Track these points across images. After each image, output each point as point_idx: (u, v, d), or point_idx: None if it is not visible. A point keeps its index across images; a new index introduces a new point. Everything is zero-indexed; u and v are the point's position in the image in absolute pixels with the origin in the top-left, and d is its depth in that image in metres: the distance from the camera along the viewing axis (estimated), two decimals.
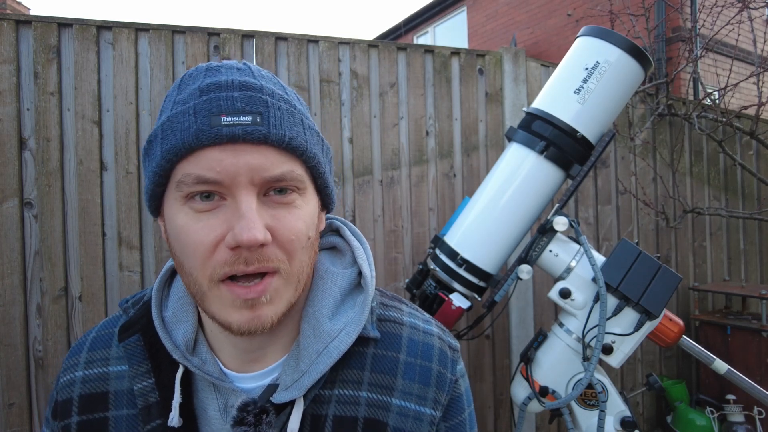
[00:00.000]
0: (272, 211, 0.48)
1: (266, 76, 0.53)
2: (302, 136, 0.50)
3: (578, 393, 1.27)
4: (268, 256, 0.47)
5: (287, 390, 0.53)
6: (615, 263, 1.30)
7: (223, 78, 0.49)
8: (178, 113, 0.47)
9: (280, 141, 0.47)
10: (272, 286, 0.48)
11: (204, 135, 0.45)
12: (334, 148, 2.05)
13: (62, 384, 0.60)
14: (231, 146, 0.46)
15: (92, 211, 1.74)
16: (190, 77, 0.51)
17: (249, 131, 0.46)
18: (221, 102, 0.47)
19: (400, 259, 2.15)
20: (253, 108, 0.47)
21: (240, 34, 1.93)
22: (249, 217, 0.45)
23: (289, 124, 0.49)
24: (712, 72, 3.57)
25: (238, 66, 0.52)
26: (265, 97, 0.48)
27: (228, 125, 0.45)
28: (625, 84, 1.36)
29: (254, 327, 0.48)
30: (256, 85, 0.49)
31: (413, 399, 0.57)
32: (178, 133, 0.46)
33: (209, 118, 0.46)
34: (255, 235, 0.45)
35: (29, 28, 1.69)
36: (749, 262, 3.13)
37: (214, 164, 0.46)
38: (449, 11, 8.75)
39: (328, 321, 0.55)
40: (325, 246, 0.65)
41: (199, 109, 0.46)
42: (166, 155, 0.47)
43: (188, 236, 0.47)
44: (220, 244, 0.47)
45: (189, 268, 0.49)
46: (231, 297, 0.47)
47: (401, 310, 0.63)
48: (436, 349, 0.60)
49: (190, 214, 0.47)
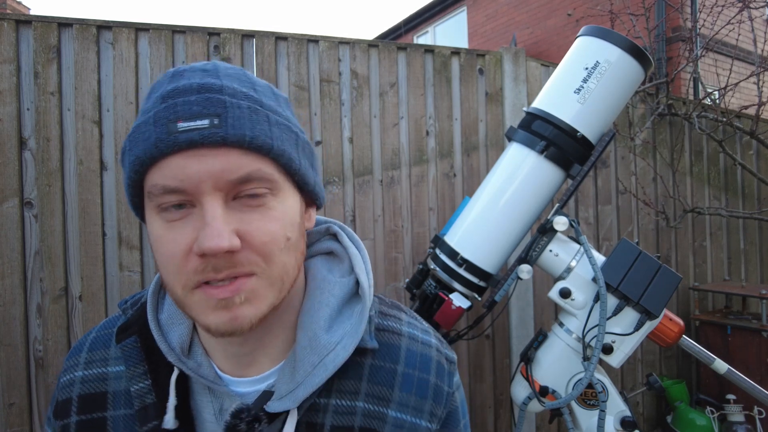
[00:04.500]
0: (242, 215, 0.47)
1: (233, 74, 0.51)
2: (266, 133, 0.48)
3: (578, 393, 1.27)
4: (239, 261, 0.46)
5: (281, 400, 0.52)
6: (615, 263, 1.30)
7: (183, 82, 0.48)
8: (141, 123, 0.47)
9: (240, 141, 0.46)
10: (246, 287, 0.47)
11: (162, 143, 0.44)
12: (334, 148, 2.05)
13: (62, 384, 0.60)
14: (192, 152, 0.45)
15: (92, 211, 1.74)
16: (157, 84, 0.50)
17: (206, 135, 0.44)
18: (178, 108, 0.45)
19: (400, 259, 2.15)
20: (210, 110, 0.45)
21: (240, 34, 1.93)
22: (212, 225, 0.44)
23: (250, 122, 0.47)
24: (713, 72, 3.57)
25: (204, 68, 0.50)
26: (223, 98, 0.47)
27: (185, 131, 0.44)
28: (625, 84, 1.36)
29: (232, 328, 0.47)
30: (216, 86, 0.47)
31: (409, 411, 0.56)
32: (140, 143, 0.46)
33: (167, 126, 0.45)
34: (218, 243, 0.44)
35: (29, 28, 1.69)
36: (749, 261, 3.13)
37: (177, 172, 0.45)
38: (449, 11, 8.75)
39: (324, 333, 0.54)
40: (322, 251, 0.64)
41: (159, 117, 0.46)
42: (133, 166, 0.47)
43: (162, 246, 0.47)
44: (190, 252, 0.46)
45: (165, 276, 0.49)
46: (205, 298, 0.47)
47: (400, 319, 0.63)
48: (434, 362, 0.60)
49: (164, 225, 0.47)
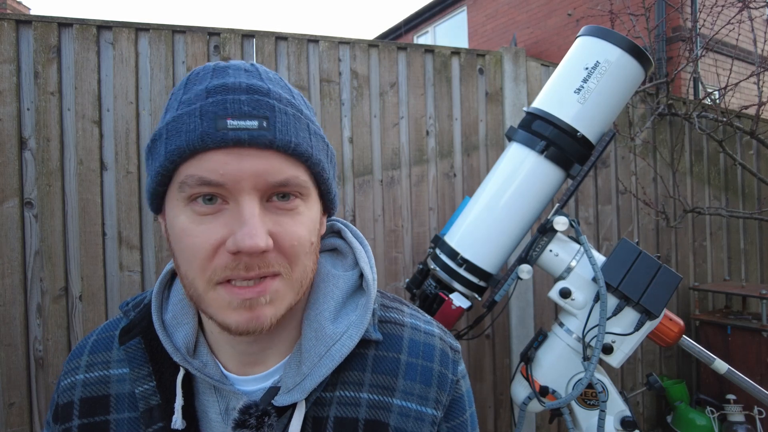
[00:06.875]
0: (275, 217, 0.48)
1: (274, 78, 0.52)
2: (308, 141, 0.49)
3: (578, 393, 1.27)
4: (269, 261, 0.47)
5: (289, 393, 0.52)
6: (615, 263, 1.30)
7: (230, 80, 0.48)
8: (183, 114, 0.47)
9: (285, 147, 0.47)
10: (272, 288, 0.48)
11: (209, 138, 0.45)
12: (334, 148, 2.04)
13: (63, 387, 0.60)
14: (236, 150, 0.45)
15: (92, 211, 1.74)
16: (197, 77, 0.51)
17: (255, 136, 0.45)
18: (228, 105, 0.46)
19: (400, 258, 2.15)
20: (260, 112, 0.46)
21: (240, 33, 1.92)
22: (252, 224, 0.45)
23: (295, 129, 0.48)
24: (713, 72, 3.57)
25: (246, 67, 0.51)
26: (272, 101, 0.47)
27: (234, 129, 0.45)
28: (625, 84, 1.36)
29: (253, 327, 0.48)
30: (264, 89, 0.48)
31: (414, 399, 0.57)
32: (183, 134, 0.46)
33: (215, 121, 0.45)
34: (257, 242, 0.44)
35: (29, 28, 1.69)
36: (749, 261, 3.13)
37: (217, 167, 0.45)
38: (449, 11, 8.74)
39: (330, 324, 0.55)
40: (326, 248, 0.64)
41: (206, 111, 0.46)
42: (170, 156, 0.46)
43: (189, 239, 0.47)
44: (220, 248, 0.46)
45: (186, 270, 0.48)
46: (229, 297, 0.47)
47: (402, 311, 0.63)
48: (437, 350, 0.60)
49: (192, 217, 0.47)
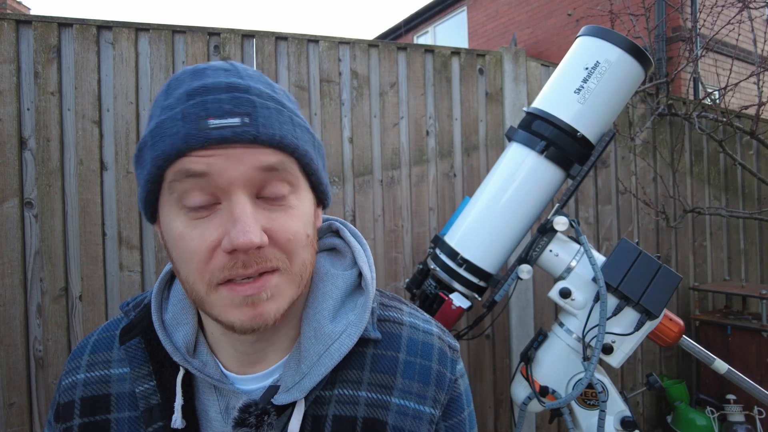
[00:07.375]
0: (268, 213, 0.48)
1: (253, 75, 0.52)
2: (292, 133, 0.50)
3: (578, 393, 1.27)
4: (266, 257, 0.47)
5: (288, 392, 0.53)
6: (615, 263, 1.30)
7: (209, 81, 0.48)
8: (166, 119, 0.47)
9: (270, 140, 0.47)
10: (272, 283, 0.48)
11: (193, 139, 0.45)
12: (334, 148, 2.05)
13: (64, 387, 0.60)
14: (221, 149, 0.45)
15: (92, 211, 1.74)
16: (177, 81, 0.51)
17: (238, 132, 0.45)
18: (209, 105, 0.46)
19: (400, 258, 2.15)
20: (241, 109, 0.46)
21: (240, 33, 1.93)
22: (244, 221, 0.45)
23: (278, 122, 0.48)
24: (713, 72, 3.57)
25: (224, 67, 0.51)
26: (252, 98, 0.48)
27: (217, 128, 0.45)
28: (625, 84, 1.36)
29: (257, 324, 0.48)
30: (243, 86, 0.49)
31: (412, 398, 0.57)
32: (167, 138, 0.46)
33: (197, 122, 0.45)
34: (251, 238, 0.45)
35: (29, 28, 1.69)
36: (749, 261, 3.13)
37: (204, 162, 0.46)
38: (449, 11, 8.74)
39: (329, 323, 0.55)
40: (325, 247, 0.64)
41: (187, 113, 0.46)
42: (156, 161, 0.46)
43: (185, 243, 0.47)
44: (216, 249, 0.46)
45: (186, 274, 0.48)
46: (230, 296, 0.47)
47: (401, 310, 0.63)
48: (435, 349, 0.60)
49: (186, 222, 0.47)
